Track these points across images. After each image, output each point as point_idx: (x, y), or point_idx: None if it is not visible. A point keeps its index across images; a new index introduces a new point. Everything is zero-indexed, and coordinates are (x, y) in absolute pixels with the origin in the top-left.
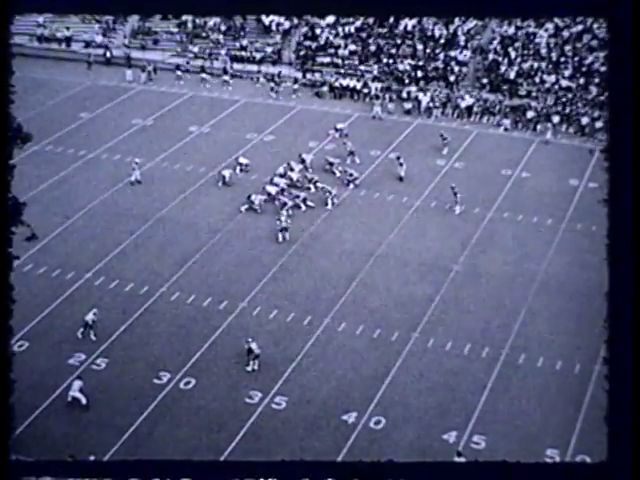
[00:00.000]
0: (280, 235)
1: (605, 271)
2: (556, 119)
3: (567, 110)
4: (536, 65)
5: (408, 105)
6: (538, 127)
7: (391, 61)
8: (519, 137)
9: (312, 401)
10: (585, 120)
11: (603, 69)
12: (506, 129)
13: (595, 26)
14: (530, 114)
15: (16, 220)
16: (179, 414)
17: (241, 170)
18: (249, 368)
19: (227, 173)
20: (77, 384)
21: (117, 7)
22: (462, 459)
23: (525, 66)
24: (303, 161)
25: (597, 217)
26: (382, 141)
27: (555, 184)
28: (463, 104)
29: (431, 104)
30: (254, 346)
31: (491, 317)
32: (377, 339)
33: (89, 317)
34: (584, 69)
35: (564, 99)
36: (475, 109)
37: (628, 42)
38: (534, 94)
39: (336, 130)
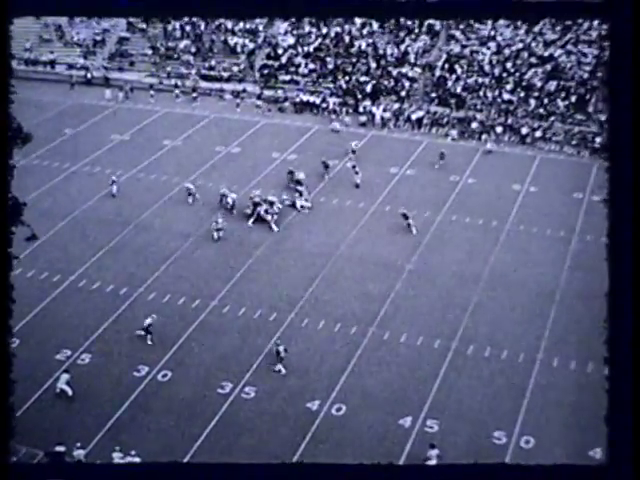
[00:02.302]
0: (215, 234)
1: (546, 266)
2: (499, 129)
3: (509, 121)
4: (480, 80)
5: (363, 118)
6: (482, 137)
7: (347, 78)
8: (465, 146)
9: (279, 391)
10: (525, 130)
11: (541, 84)
12: (453, 139)
13: (533, 44)
14: (475, 125)
15: (16, 220)
16: (157, 404)
17: (189, 194)
18: (276, 368)
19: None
20: (64, 377)
21: (117, 9)
22: (435, 450)
23: (470, 81)
24: (299, 182)
25: (538, 218)
26: (340, 151)
27: (499, 189)
28: (414, 116)
29: (384, 116)
30: (281, 349)
31: (442, 311)
32: (337, 333)
33: (147, 322)
34: (524, 83)
35: (506, 111)
36: (425, 121)
37: (628, 42)
38: (479, 107)
39: (353, 152)
